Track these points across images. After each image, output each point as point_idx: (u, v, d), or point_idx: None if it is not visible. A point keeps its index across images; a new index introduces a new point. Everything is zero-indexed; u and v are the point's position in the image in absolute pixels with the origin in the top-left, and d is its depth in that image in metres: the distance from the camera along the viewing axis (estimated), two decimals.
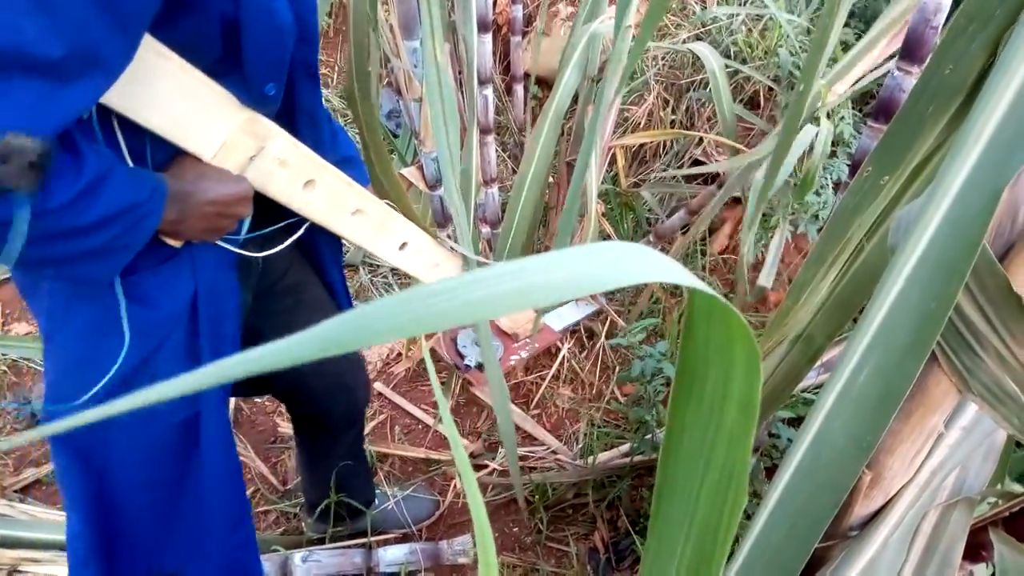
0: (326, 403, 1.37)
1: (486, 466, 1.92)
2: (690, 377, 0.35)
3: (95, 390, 0.91)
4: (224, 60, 0.82)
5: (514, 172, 2.77)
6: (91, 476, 0.97)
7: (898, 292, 0.45)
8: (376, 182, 1.61)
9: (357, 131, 1.69)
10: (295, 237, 1.08)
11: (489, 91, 1.89)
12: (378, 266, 2.56)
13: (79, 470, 0.96)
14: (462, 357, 1.46)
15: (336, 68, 3.37)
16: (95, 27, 0.64)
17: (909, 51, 1.11)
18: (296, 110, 0.98)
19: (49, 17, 0.61)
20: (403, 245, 1.24)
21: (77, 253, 0.77)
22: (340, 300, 1.28)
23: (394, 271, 2.56)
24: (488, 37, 1.84)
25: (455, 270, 1.42)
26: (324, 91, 3.25)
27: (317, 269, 1.24)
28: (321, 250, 1.21)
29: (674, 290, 2.30)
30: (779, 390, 1.19)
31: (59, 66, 0.63)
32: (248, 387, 1.32)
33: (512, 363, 1.68)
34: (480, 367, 1.50)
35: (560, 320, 1.94)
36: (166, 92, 0.79)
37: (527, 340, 1.66)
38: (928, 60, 0.78)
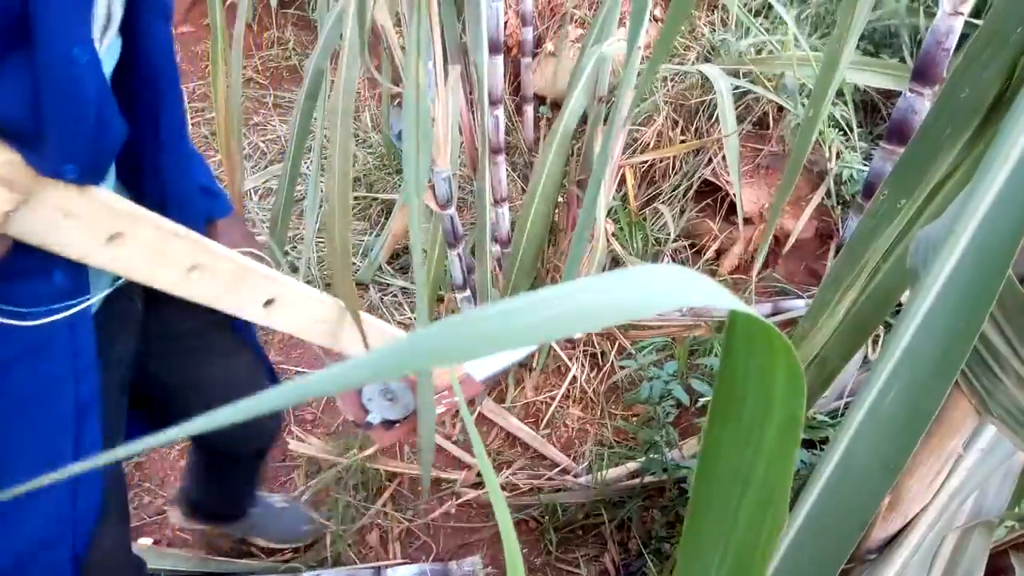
0: (234, 443, 1.33)
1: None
2: (728, 398, 0.35)
3: None
4: (28, 131, 0.72)
5: (523, 191, 2.78)
6: None
7: (925, 313, 0.45)
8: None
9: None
10: (99, 297, 0.93)
11: (500, 112, 1.91)
12: (388, 284, 2.56)
13: None
14: (365, 412, 1.32)
15: None
16: None
17: (922, 73, 1.12)
18: (160, 155, 0.91)
19: None
20: (269, 302, 1.05)
21: None
22: (244, 333, 1.19)
23: (404, 289, 2.56)
24: (499, 59, 1.86)
25: (340, 321, 1.22)
26: None
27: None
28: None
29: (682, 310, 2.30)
30: None
31: None
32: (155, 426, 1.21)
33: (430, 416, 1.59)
34: (386, 424, 1.35)
35: (483, 369, 1.87)
36: None
37: (444, 393, 1.54)
38: (944, 83, 0.79)
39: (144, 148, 0.91)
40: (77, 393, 0.90)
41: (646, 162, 2.59)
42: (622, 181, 2.52)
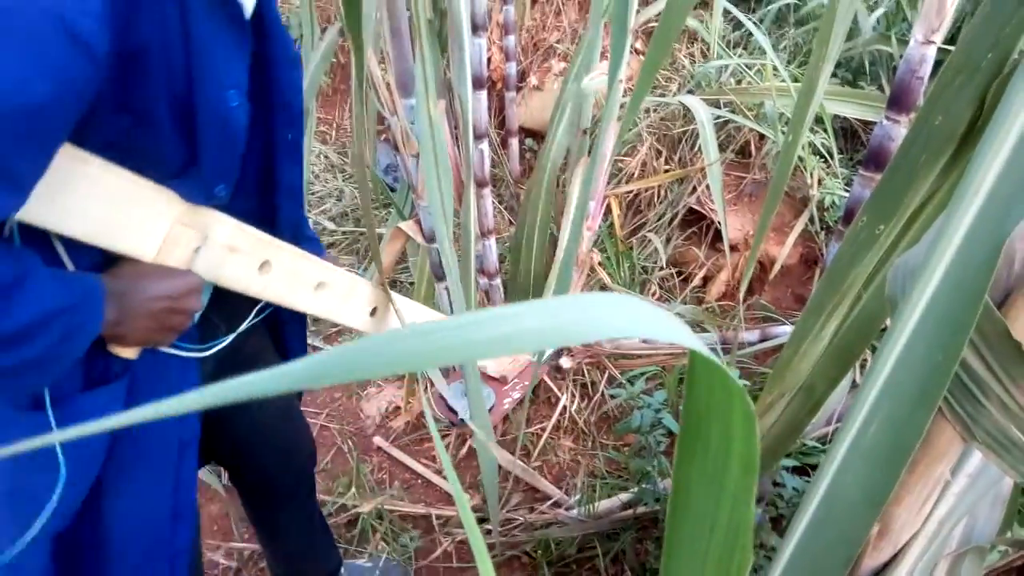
0: (271, 470, 1.32)
1: (487, 519, 1.89)
2: (693, 436, 0.35)
3: (33, 532, 0.82)
4: (184, 162, 0.81)
5: (511, 223, 2.79)
6: None
7: (904, 345, 0.45)
8: None
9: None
10: (243, 328, 1.02)
11: (485, 146, 1.92)
12: None
13: None
14: (455, 413, 1.42)
15: (335, 125, 3.42)
16: (6, 140, 0.62)
17: (897, 101, 1.13)
18: (277, 185, 0.97)
19: None
20: (374, 311, 1.18)
21: (4, 368, 0.70)
22: (289, 350, 1.21)
23: None
24: (483, 94, 1.88)
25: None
26: (323, 147, 3.30)
27: (276, 337, 1.18)
28: (284, 319, 1.14)
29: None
30: (783, 440, 1.18)
31: None
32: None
33: (506, 407, 1.65)
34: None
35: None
36: (88, 198, 0.74)
37: (516, 380, 1.62)
38: (918, 111, 0.80)
39: (270, 175, 0.97)
40: (181, 432, 0.95)
41: (631, 192, 2.61)
42: (608, 211, 2.53)
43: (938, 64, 1.20)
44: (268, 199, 0.98)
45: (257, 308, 1.04)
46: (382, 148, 3.05)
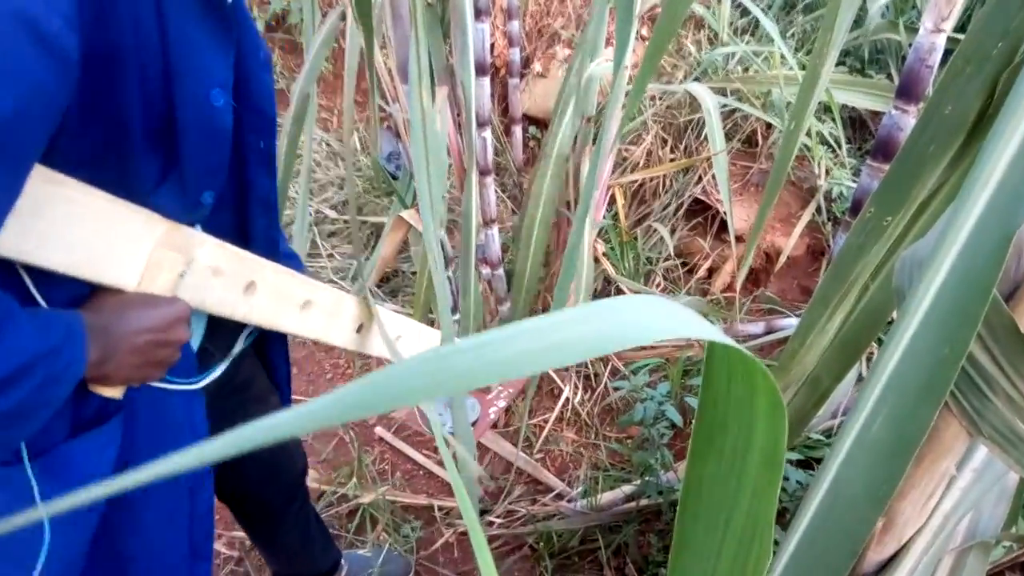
0: (262, 490, 1.30)
1: (490, 510, 1.89)
2: (709, 430, 0.34)
3: None
4: (162, 171, 0.74)
5: (513, 212, 2.78)
6: None
7: (910, 338, 0.44)
8: None
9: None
10: (235, 352, 0.98)
11: (487, 133, 1.91)
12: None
13: None
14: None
15: (336, 112, 3.40)
16: None
17: (906, 90, 1.11)
18: (250, 197, 0.91)
19: None
20: (360, 327, 1.13)
21: None
22: (282, 389, 1.18)
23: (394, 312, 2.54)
24: (486, 80, 1.86)
25: (420, 339, 1.32)
26: (325, 134, 3.28)
27: (263, 359, 1.14)
28: (271, 341, 1.10)
29: None
30: (788, 431, 1.17)
31: None
32: None
33: (492, 417, 1.64)
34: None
35: None
36: (64, 224, 0.67)
37: (500, 388, 1.60)
38: (927, 100, 0.78)
39: (242, 186, 0.91)
40: (198, 470, 0.91)
41: (636, 181, 2.59)
42: (612, 201, 2.51)
43: (948, 53, 1.19)
44: (241, 212, 0.91)
45: (247, 331, 1.00)
46: (384, 135, 3.03)
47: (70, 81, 0.60)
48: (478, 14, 1.77)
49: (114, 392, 0.78)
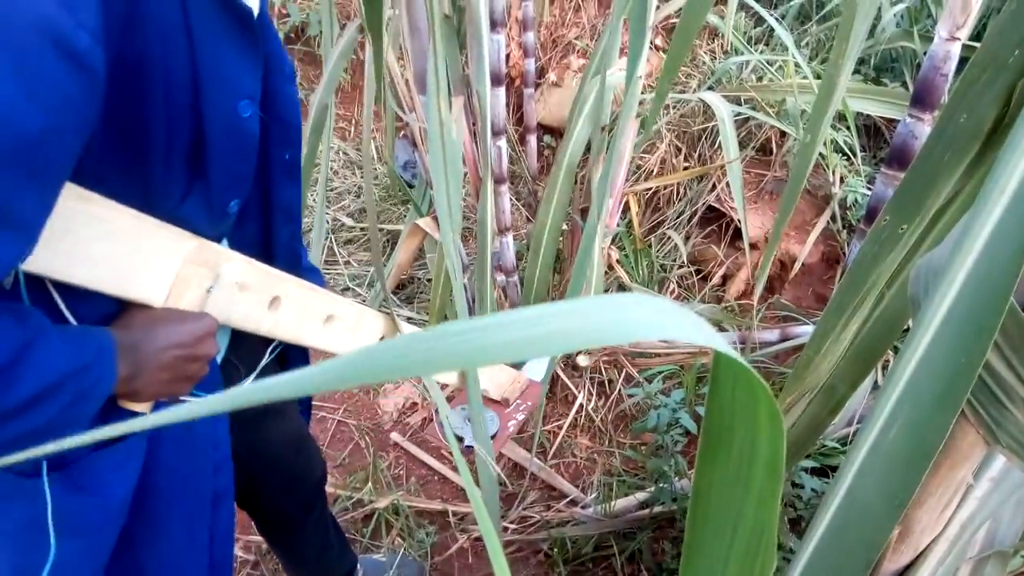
0: (281, 500, 1.30)
1: (504, 516, 1.89)
2: (716, 438, 0.35)
3: None
4: (188, 183, 0.75)
5: (528, 220, 2.79)
6: None
7: (926, 347, 0.44)
8: None
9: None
10: (260, 367, 0.99)
11: (503, 142, 1.92)
12: (394, 313, 2.56)
13: None
14: (460, 440, 1.41)
15: (354, 121, 3.43)
16: (3, 179, 0.55)
17: (920, 98, 1.12)
18: (273, 207, 0.92)
19: None
20: (381, 339, 1.13)
21: (14, 438, 0.63)
22: (302, 400, 1.20)
23: (410, 319, 2.56)
24: (501, 90, 1.88)
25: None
26: (342, 143, 3.31)
27: (284, 370, 1.13)
28: (291, 352, 1.09)
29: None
30: (802, 441, 1.17)
31: None
32: None
33: (511, 430, 1.65)
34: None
35: (539, 370, 1.91)
36: (93, 241, 0.68)
37: (519, 401, 1.61)
38: (942, 108, 0.79)
39: (266, 197, 0.92)
40: (216, 483, 0.91)
41: (650, 189, 2.59)
42: (626, 208, 2.52)
43: (963, 61, 1.19)
44: (265, 223, 0.93)
45: (272, 345, 1.00)
46: (400, 144, 3.06)
47: (97, 95, 0.60)
48: (493, 26, 1.79)
49: (142, 407, 0.78)
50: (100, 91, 0.60)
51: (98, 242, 0.68)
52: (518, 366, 1.77)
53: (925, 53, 2.44)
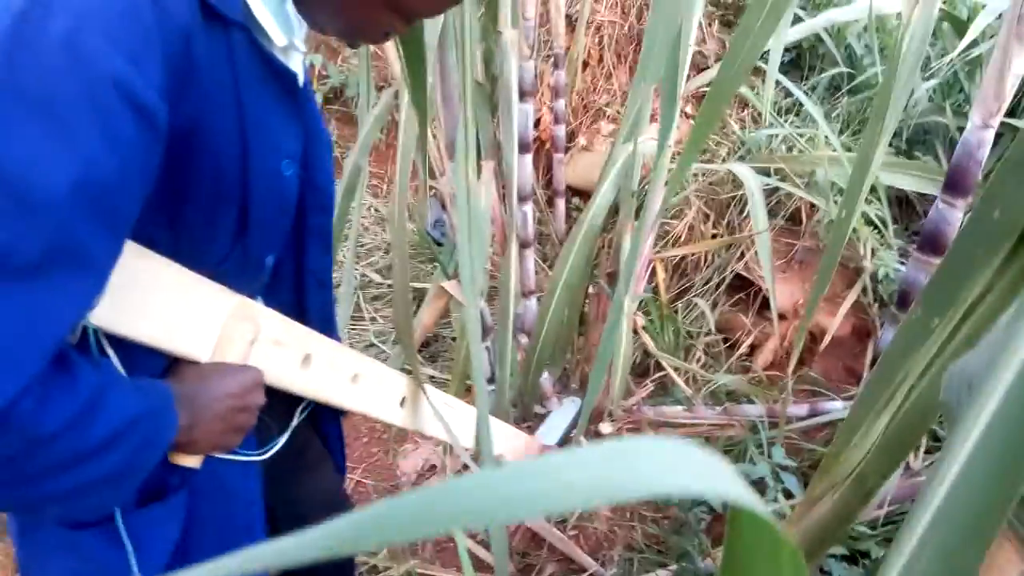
0: (315, 563, 1.28)
1: None
2: None
3: None
4: (232, 242, 0.77)
5: None
6: None
7: (959, 472, 0.42)
8: None
9: None
10: (296, 422, 1.00)
11: (528, 207, 1.94)
12: None
13: None
14: None
15: (387, 179, 3.50)
16: (79, 222, 0.57)
17: (953, 184, 1.10)
18: (306, 273, 0.94)
19: (29, 216, 0.54)
20: (403, 400, 1.16)
21: (85, 484, 0.64)
22: (335, 455, 1.18)
23: (432, 378, 2.55)
24: (528, 157, 1.91)
25: (456, 415, 1.33)
26: (373, 200, 3.37)
27: (315, 426, 1.13)
28: (323, 409, 1.09)
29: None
30: (831, 530, 1.13)
31: (39, 266, 0.55)
32: None
33: None
34: None
35: (554, 433, 1.89)
36: (148, 296, 0.71)
37: None
38: (975, 202, 0.78)
39: (299, 263, 0.94)
40: (250, 542, 0.90)
41: (677, 255, 2.59)
42: (653, 274, 2.51)
43: (998, 136, 1.18)
44: (298, 289, 0.95)
45: (303, 404, 1.01)
46: (431, 202, 3.10)
47: (160, 150, 0.63)
48: (523, 95, 1.82)
49: (193, 461, 0.80)
50: (162, 146, 0.63)
51: (152, 297, 0.71)
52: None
53: (959, 129, 2.43)
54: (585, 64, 3.05)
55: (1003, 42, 1.00)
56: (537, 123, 3.11)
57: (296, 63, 0.78)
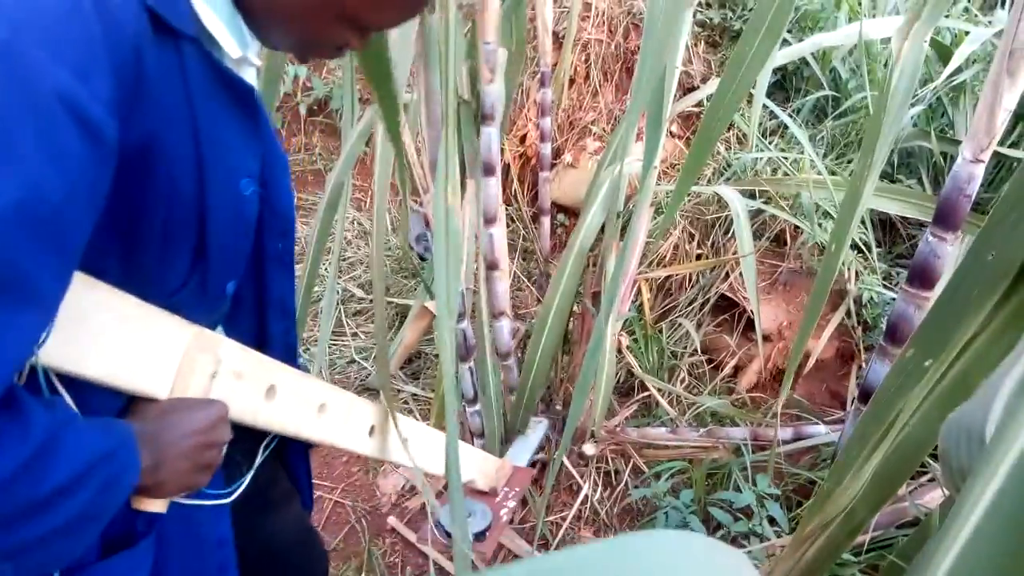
0: None
1: None
2: None
3: None
4: (189, 271, 0.73)
5: (539, 301, 2.77)
6: None
7: (965, 543, 0.41)
8: None
9: None
10: (260, 459, 0.96)
11: (495, 230, 1.93)
12: (400, 390, 2.52)
13: None
14: (450, 537, 1.35)
15: (370, 192, 3.47)
16: (22, 249, 0.52)
17: (943, 218, 1.10)
18: (267, 300, 0.89)
19: None
20: (372, 429, 1.12)
21: (42, 534, 0.58)
22: (303, 492, 1.14)
23: (415, 396, 2.52)
24: (493, 180, 1.89)
25: (427, 441, 1.30)
26: (357, 214, 3.34)
27: (283, 461, 1.09)
28: (289, 443, 1.05)
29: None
30: (821, 562, 1.12)
31: None
32: None
33: (504, 519, 1.60)
34: (478, 536, 1.43)
35: (523, 455, 1.86)
36: (99, 329, 0.65)
37: (507, 489, 1.57)
38: (970, 244, 0.77)
39: (260, 289, 0.90)
40: None
41: (662, 275, 2.58)
42: (637, 293, 2.50)
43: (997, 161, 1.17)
44: (259, 316, 0.90)
45: (268, 439, 0.97)
46: (414, 218, 3.08)
47: (109, 168, 0.58)
48: (483, 119, 1.81)
49: (158, 505, 0.74)
50: (112, 164, 0.58)
51: (105, 331, 0.66)
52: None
53: (943, 154, 2.45)
54: (572, 81, 3.05)
55: (993, 78, 1.00)
56: (523, 139, 3.10)
57: (251, 78, 0.74)
